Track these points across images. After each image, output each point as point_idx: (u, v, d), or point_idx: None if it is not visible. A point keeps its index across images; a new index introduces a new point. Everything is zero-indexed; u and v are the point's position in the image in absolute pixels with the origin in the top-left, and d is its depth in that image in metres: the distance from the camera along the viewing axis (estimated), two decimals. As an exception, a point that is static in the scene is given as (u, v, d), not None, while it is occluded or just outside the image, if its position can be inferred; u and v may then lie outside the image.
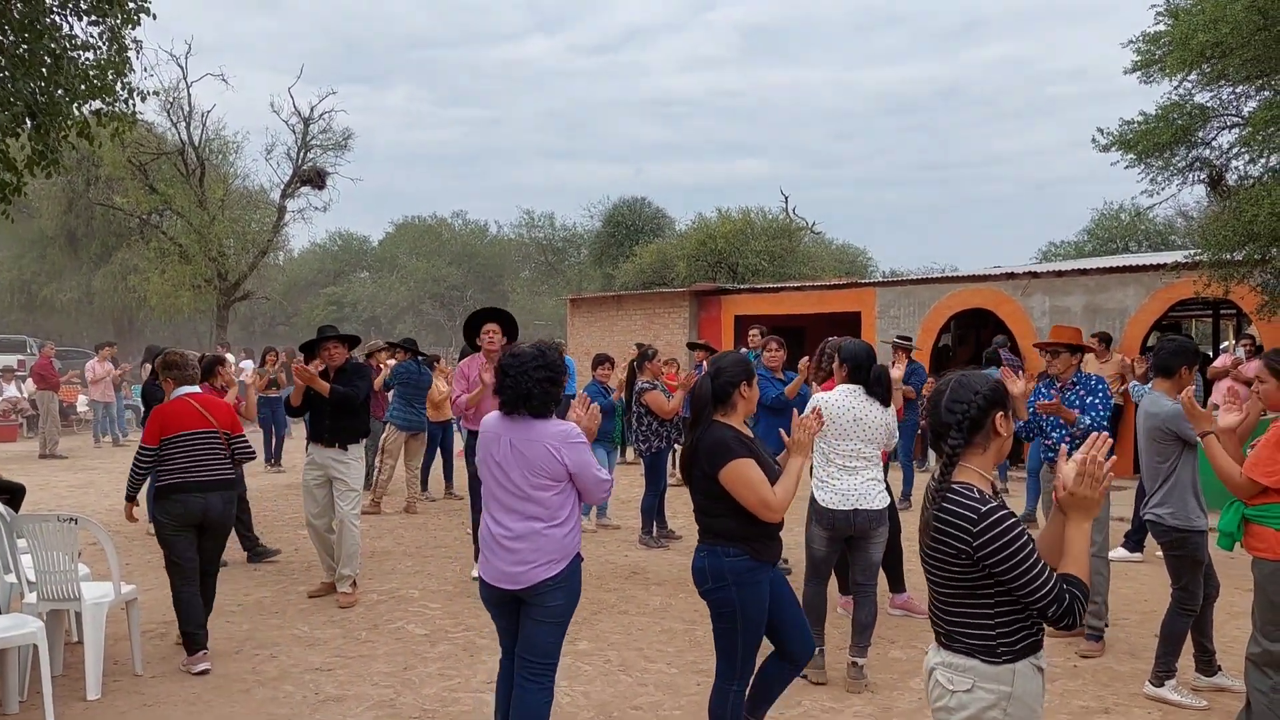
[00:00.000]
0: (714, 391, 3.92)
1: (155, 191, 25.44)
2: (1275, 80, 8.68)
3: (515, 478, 3.80)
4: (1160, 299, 13.16)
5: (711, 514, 3.92)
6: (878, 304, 16.17)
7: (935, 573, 2.66)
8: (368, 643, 5.95)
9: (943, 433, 2.68)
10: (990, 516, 2.50)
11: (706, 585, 3.91)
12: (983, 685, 2.56)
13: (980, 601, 2.57)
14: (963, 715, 2.58)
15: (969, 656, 2.59)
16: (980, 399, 2.65)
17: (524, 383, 3.78)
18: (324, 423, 7.02)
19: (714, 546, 3.90)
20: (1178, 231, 32.05)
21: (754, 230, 28.46)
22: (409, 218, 50.43)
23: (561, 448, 3.78)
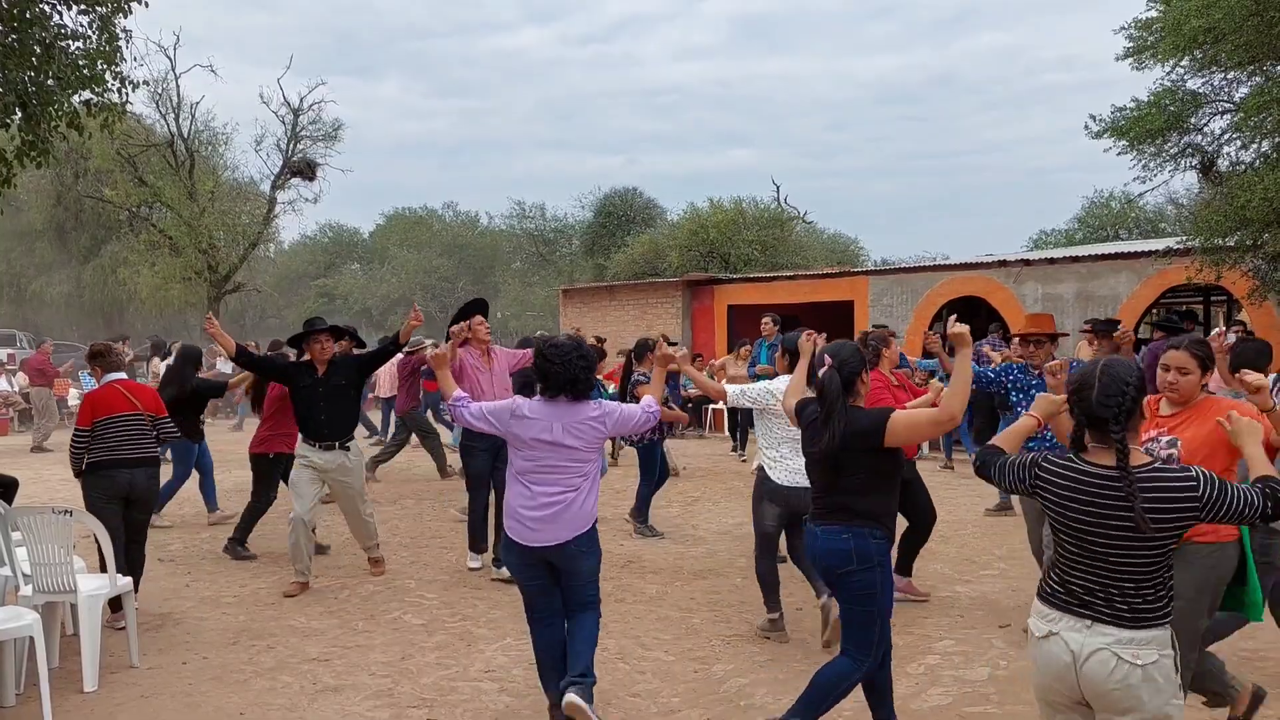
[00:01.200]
0: (843, 381, 4.04)
1: (144, 184, 25.32)
2: (1267, 66, 8.69)
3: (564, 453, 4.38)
4: (1152, 285, 13.20)
5: (863, 494, 3.98)
6: (870, 293, 16.19)
7: (1141, 555, 2.79)
8: (365, 633, 5.94)
9: (1100, 424, 2.86)
10: (1203, 477, 2.76)
11: (851, 566, 3.95)
12: (1162, 651, 2.78)
13: (1159, 568, 2.81)
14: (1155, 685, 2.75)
15: (1152, 628, 2.78)
16: (1133, 389, 2.85)
17: (571, 370, 4.36)
18: (319, 418, 6.80)
19: (859, 528, 3.96)
20: (1168, 219, 32.11)
21: (746, 220, 28.42)
22: (400, 209, 50.30)
23: (604, 418, 4.44)
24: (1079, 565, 2.87)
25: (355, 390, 7.06)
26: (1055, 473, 2.94)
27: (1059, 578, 2.94)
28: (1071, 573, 2.89)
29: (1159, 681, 2.75)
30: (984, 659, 5.41)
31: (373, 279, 44.00)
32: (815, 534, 4.08)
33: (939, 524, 8.98)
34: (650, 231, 31.33)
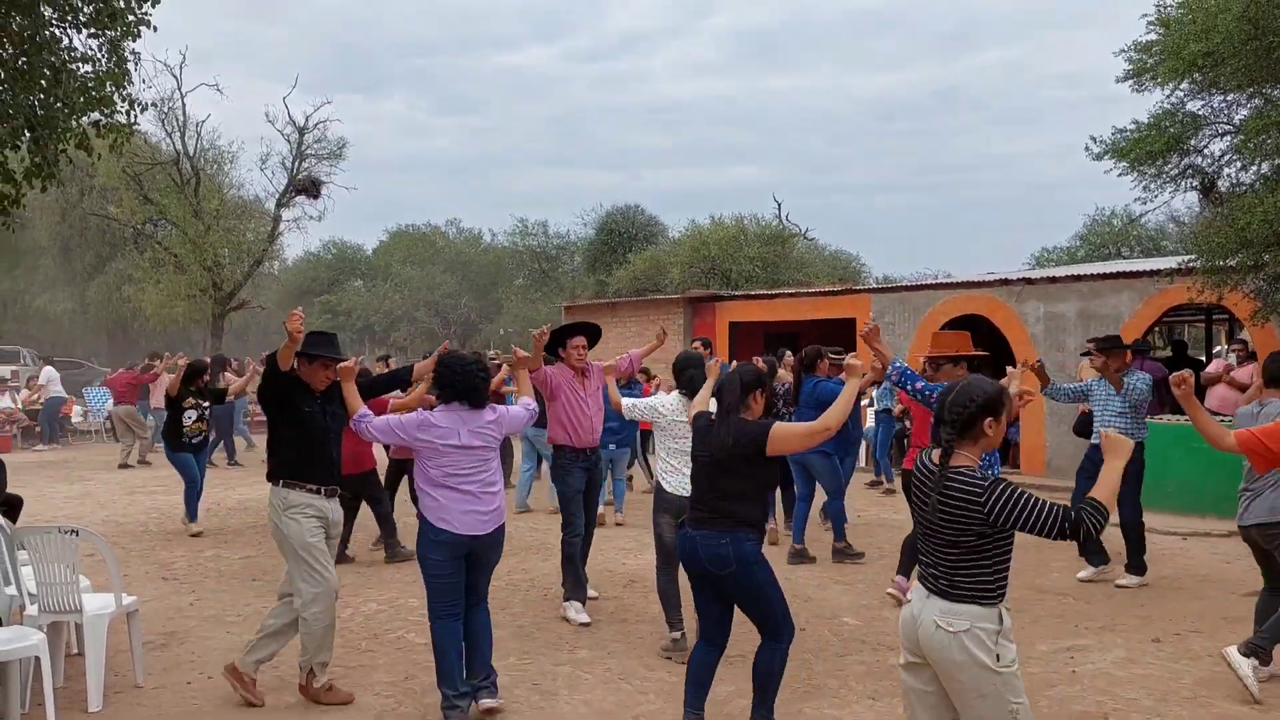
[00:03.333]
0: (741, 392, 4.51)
1: (150, 201, 25.44)
2: (1266, 89, 8.74)
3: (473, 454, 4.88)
4: (1154, 305, 13.22)
5: (741, 500, 4.41)
6: (872, 310, 16.21)
7: (946, 540, 3.24)
8: (368, 652, 5.96)
9: (939, 425, 3.31)
10: (994, 486, 3.14)
11: (731, 569, 4.35)
12: (977, 624, 3.17)
13: (981, 555, 3.20)
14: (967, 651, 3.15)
15: (966, 603, 3.20)
16: (975, 406, 3.25)
17: (470, 380, 4.88)
18: (329, 454, 5.32)
19: (736, 532, 4.37)
20: (1170, 237, 32.15)
21: (747, 237, 28.50)
22: (403, 226, 50.46)
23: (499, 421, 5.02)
24: (923, 542, 3.38)
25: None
26: (918, 463, 3.46)
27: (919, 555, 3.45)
28: (921, 550, 3.39)
29: (970, 648, 3.16)
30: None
31: (376, 295, 44.09)
32: (692, 539, 4.44)
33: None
34: (652, 248, 31.42)
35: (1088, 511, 3.08)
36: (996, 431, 3.29)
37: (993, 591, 3.22)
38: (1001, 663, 3.17)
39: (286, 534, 5.14)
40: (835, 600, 7.11)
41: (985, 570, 3.21)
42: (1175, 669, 5.58)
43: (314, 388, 5.34)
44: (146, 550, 8.95)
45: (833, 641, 6.11)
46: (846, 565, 8.28)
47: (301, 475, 5.18)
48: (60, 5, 7.14)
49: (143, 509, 11.32)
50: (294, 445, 5.22)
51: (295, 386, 5.30)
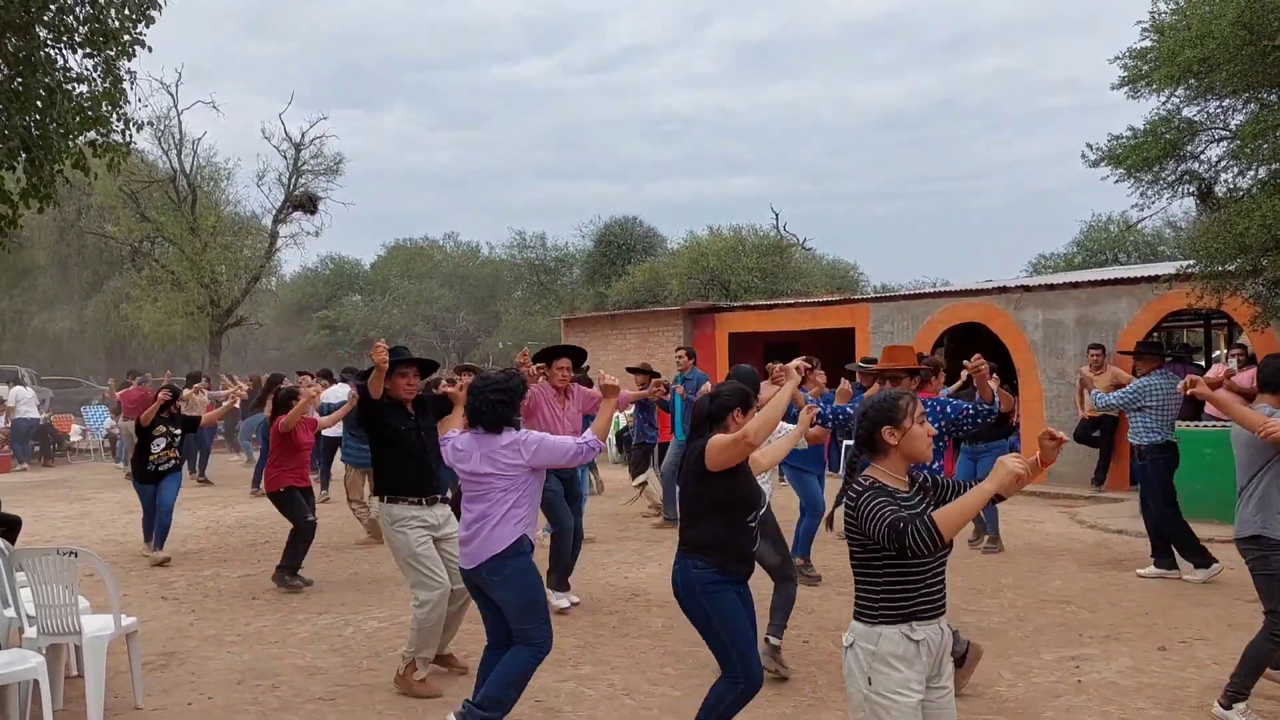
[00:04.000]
0: (710, 413, 4.27)
1: (147, 219, 25.47)
2: (1262, 94, 8.75)
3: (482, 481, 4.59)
4: (1153, 310, 13.21)
5: (691, 521, 4.22)
6: (871, 319, 16.21)
7: (854, 552, 3.26)
8: (370, 671, 5.92)
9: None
10: (863, 493, 3.15)
11: (679, 595, 4.21)
12: (860, 642, 3.16)
13: (868, 569, 3.19)
14: (847, 666, 3.19)
15: (859, 621, 3.20)
16: (867, 420, 3.28)
17: (477, 402, 4.60)
18: (429, 466, 5.81)
19: (686, 558, 4.18)
20: (1167, 242, 32.20)
21: (745, 248, 28.54)
22: (401, 240, 50.50)
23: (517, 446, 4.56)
24: None
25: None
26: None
27: None
28: None
29: (849, 664, 3.19)
30: (991, 692, 5.38)
31: (374, 310, 44.07)
32: (677, 565, 4.25)
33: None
34: (651, 260, 31.45)
35: (915, 527, 2.95)
36: (905, 440, 3.20)
37: (874, 610, 3.15)
38: (873, 687, 3.09)
39: (396, 546, 5.64)
40: (839, 613, 7.07)
41: (872, 586, 3.17)
42: (1181, 677, 5.55)
43: (404, 403, 5.93)
44: (146, 570, 8.91)
45: (836, 654, 6.06)
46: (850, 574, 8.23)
47: (403, 490, 5.69)
48: (55, 26, 7.13)
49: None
50: (393, 463, 5.76)
51: (385, 408, 5.90)
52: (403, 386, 5.90)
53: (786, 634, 5.80)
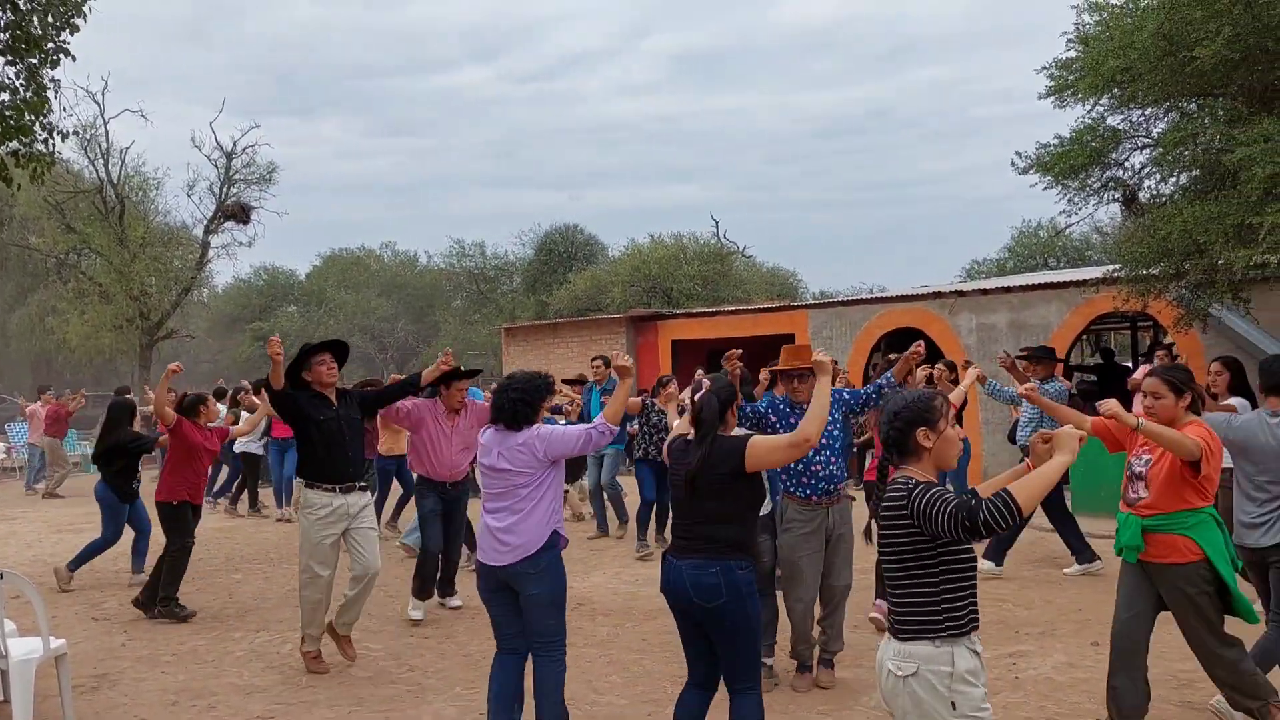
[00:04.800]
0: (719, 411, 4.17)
1: (73, 231, 24.79)
2: (1181, 103, 9.03)
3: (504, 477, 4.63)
4: (1081, 314, 13.56)
5: (727, 522, 4.02)
6: (810, 325, 16.40)
7: (889, 563, 3.01)
8: (309, 688, 5.82)
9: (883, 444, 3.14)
10: (912, 490, 2.92)
11: (720, 600, 3.93)
12: (930, 666, 2.87)
13: (925, 581, 2.93)
14: (915, 697, 2.87)
15: (913, 641, 2.91)
16: (900, 420, 3.07)
17: (499, 399, 4.69)
18: (346, 454, 6.10)
19: (726, 560, 3.97)
20: (1094, 248, 33.08)
21: (686, 255, 28.71)
22: (337, 250, 49.86)
23: (532, 442, 4.59)
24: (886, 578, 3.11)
25: (363, 426, 6.47)
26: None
27: None
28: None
29: (919, 694, 2.87)
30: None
31: (310, 321, 43.43)
32: (678, 568, 4.04)
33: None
34: (592, 268, 31.45)
35: (989, 503, 2.78)
36: (940, 443, 3.04)
37: (938, 626, 2.90)
38: (958, 711, 2.85)
39: (301, 529, 6.13)
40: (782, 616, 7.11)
41: (930, 599, 2.92)
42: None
43: (326, 392, 6.12)
44: (75, 590, 8.66)
45: (780, 657, 6.08)
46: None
47: (318, 477, 6.03)
48: (-25, 32, 6.95)
49: (70, 547, 10.94)
50: (311, 451, 6.06)
51: (302, 399, 6.08)
52: (323, 373, 6.10)
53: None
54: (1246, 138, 7.31)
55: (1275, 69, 7.89)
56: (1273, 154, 7.01)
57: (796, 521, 5.29)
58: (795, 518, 5.32)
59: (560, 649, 4.56)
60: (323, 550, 6.01)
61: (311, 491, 6.05)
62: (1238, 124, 7.87)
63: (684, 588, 3.99)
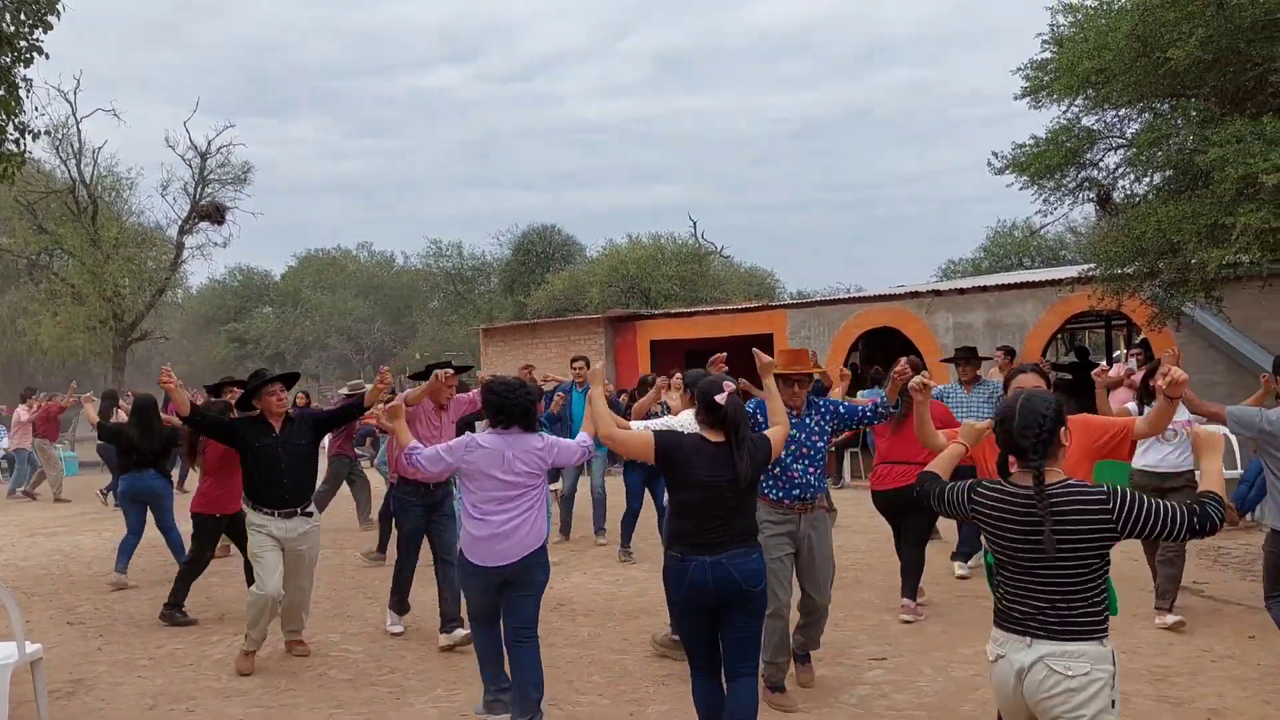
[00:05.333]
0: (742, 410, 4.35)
1: (45, 231, 24.55)
2: (1155, 103, 9.12)
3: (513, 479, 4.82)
4: (1057, 313, 13.67)
5: (749, 514, 4.32)
6: (789, 325, 16.45)
7: (1068, 565, 2.95)
8: (288, 691, 5.77)
9: (1020, 452, 3.05)
10: (1118, 493, 2.94)
11: (761, 584, 4.23)
12: (1096, 665, 2.91)
13: (1095, 582, 2.96)
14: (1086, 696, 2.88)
15: (1082, 641, 2.92)
16: (1049, 420, 3.03)
17: (523, 403, 4.86)
18: (281, 482, 6.11)
19: (756, 547, 4.28)
20: (1069, 247, 33.35)
21: (664, 256, 28.74)
22: (313, 251, 49.59)
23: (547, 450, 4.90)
24: (1016, 584, 3.06)
25: (315, 451, 6.43)
26: (988, 496, 3.13)
27: (1003, 601, 3.13)
28: (1011, 594, 3.08)
29: (1089, 694, 2.88)
30: (913, 688, 5.49)
31: (286, 322, 43.18)
32: (716, 563, 4.10)
33: (866, 551, 9.13)
34: (570, 268, 31.43)
35: (1210, 505, 2.88)
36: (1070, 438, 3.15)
37: (1100, 626, 2.97)
38: (1115, 710, 2.91)
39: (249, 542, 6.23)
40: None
41: (1096, 599, 2.96)
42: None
43: (271, 419, 6.20)
44: (50, 594, 8.57)
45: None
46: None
47: (255, 500, 6.14)
48: (-55, 30, 6.85)
49: (44, 551, 10.86)
50: (248, 475, 6.20)
51: (244, 425, 6.24)
52: (273, 403, 6.23)
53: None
54: (1219, 138, 7.39)
55: (1247, 70, 7.98)
56: (1245, 154, 7.09)
57: (767, 522, 5.26)
58: (766, 519, 5.27)
59: (535, 625, 4.92)
60: (265, 561, 6.07)
61: (251, 512, 6.21)
62: (1210, 124, 7.96)
63: (729, 579, 4.10)
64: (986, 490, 3.15)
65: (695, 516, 4.18)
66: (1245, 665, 5.65)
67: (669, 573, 4.26)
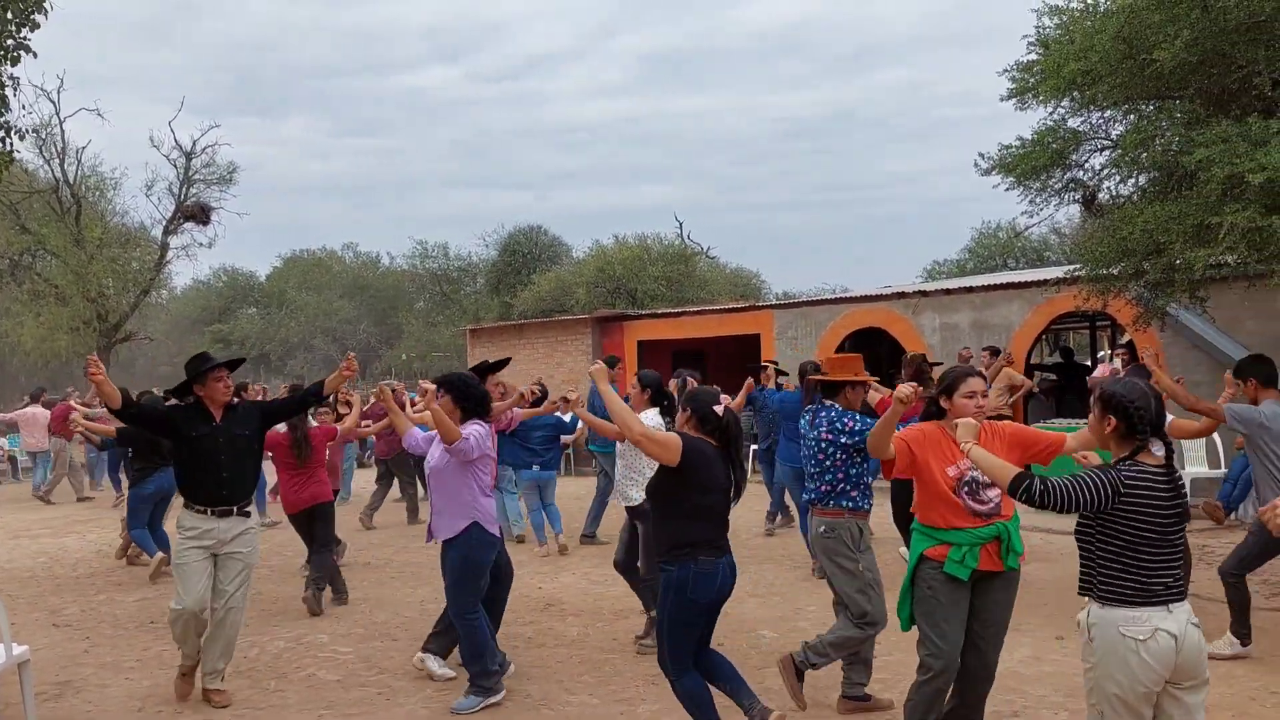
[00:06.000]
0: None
1: (27, 231, 24.38)
2: (1141, 105, 9.16)
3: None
4: (1042, 313, 13.74)
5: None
6: (775, 325, 16.47)
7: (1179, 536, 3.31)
8: (277, 692, 5.75)
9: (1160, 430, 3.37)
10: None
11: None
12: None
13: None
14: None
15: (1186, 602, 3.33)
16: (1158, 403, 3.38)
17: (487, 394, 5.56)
18: (219, 475, 5.53)
19: None
20: (1053, 248, 33.55)
21: (651, 256, 28.75)
22: (298, 251, 49.39)
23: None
24: (1159, 558, 3.26)
25: (259, 444, 5.84)
26: (1138, 480, 3.27)
27: (1139, 580, 3.26)
28: (1153, 569, 3.26)
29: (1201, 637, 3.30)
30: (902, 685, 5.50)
31: (271, 323, 43.04)
32: (732, 564, 4.51)
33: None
34: (556, 269, 31.42)
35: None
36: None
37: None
38: None
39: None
40: (752, 614, 7.16)
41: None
42: (1079, 665, 5.74)
43: (213, 407, 5.62)
44: (35, 596, 8.51)
45: (751, 655, 6.14)
46: (765, 578, 8.34)
47: (189, 497, 5.57)
48: (-69, 28, 6.80)
49: (28, 553, 10.78)
50: (181, 469, 5.65)
51: (180, 413, 5.74)
52: (219, 390, 5.59)
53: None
54: (1205, 139, 7.43)
55: (1232, 72, 8.02)
56: (1230, 155, 7.12)
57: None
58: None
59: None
60: (186, 571, 5.43)
61: (185, 511, 5.54)
62: (1196, 126, 8.00)
63: (732, 583, 4.49)
64: (1134, 475, 3.27)
65: (714, 519, 4.42)
66: (1231, 662, 5.69)
67: (702, 577, 4.32)
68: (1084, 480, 3.27)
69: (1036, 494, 3.33)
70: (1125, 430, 3.34)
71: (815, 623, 6.79)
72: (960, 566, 4.13)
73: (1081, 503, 3.27)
